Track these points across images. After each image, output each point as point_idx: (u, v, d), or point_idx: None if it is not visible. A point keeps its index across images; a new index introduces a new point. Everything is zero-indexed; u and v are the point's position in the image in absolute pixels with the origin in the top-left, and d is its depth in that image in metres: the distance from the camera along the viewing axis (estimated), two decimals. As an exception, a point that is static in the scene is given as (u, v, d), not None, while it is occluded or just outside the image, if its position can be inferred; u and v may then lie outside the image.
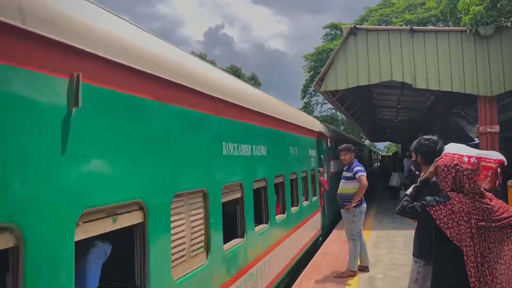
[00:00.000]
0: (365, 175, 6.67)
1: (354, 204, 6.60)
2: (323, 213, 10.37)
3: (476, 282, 2.47)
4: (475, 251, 2.51)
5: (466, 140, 19.63)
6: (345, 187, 6.82)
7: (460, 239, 2.54)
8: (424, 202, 2.81)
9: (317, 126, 10.35)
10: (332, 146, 12.19)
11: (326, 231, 10.63)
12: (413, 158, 4.02)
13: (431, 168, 2.98)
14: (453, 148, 4.18)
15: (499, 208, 2.66)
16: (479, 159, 4.18)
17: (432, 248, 2.96)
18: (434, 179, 3.84)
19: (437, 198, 2.77)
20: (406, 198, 3.02)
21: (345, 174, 6.87)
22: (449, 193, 2.75)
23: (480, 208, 2.63)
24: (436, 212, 2.66)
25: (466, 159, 4.11)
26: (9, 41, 1.85)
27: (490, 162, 4.10)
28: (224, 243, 4.07)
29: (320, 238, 9.93)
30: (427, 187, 3.11)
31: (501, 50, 10.81)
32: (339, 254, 8.14)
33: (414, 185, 3.19)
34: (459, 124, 22.79)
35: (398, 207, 3.06)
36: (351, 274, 6.74)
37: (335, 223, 11.47)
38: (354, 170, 6.71)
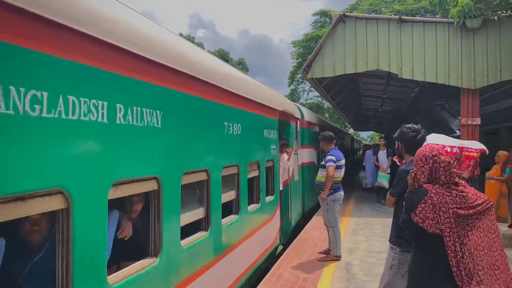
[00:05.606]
0: (334, 165, 6.59)
1: (324, 195, 6.67)
2: (284, 213, 8.28)
3: (457, 271, 2.50)
4: (454, 241, 2.53)
5: (448, 132, 19.95)
6: (320, 174, 6.88)
7: (441, 229, 2.56)
8: (406, 212, 2.76)
9: (281, 103, 7.78)
10: (306, 131, 10.72)
11: (291, 236, 8.76)
12: (396, 146, 4.05)
13: (410, 180, 2.96)
14: (435, 139, 4.22)
15: (472, 195, 2.70)
16: (461, 149, 4.24)
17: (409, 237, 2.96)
18: (401, 167, 3.87)
19: (413, 199, 2.74)
20: (401, 215, 2.93)
21: (322, 162, 6.93)
22: (424, 185, 2.75)
23: (456, 196, 2.65)
24: (420, 214, 2.62)
25: (449, 149, 4.16)
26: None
27: (472, 152, 4.16)
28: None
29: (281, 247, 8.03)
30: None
31: (486, 43, 10.91)
32: (318, 240, 8.23)
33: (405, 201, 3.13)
34: (442, 116, 23.13)
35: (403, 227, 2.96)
36: (334, 259, 6.87)
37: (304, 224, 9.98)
38: (326, 159, 6.74)
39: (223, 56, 40.95)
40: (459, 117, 11.73)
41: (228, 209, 5.03)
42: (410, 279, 2.86)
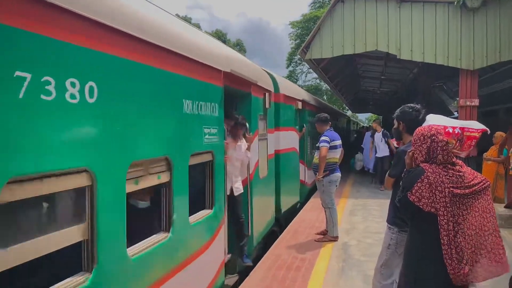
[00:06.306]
0: (327, 145, 6.60)
1: (320, 176, 6.68)
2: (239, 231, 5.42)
3: (448, 250, 2.52)
4: (448, 220, 2.54)
5: (446, 113, 19.89)
6: (315, 156, 6.92)
7: (436, 208, 2.57)
8: (403, 191, 2.75)
9: (229, 61, 4.73)
10: (282, 107, 8.16)
11: (258, 255, 6.33)
12: (394, 126, 3.97)
13: (407, 160, 2.93)
14: (434, 120, 4.19)
15: (469, 175, 2.70)
16: (462, 129, 4.23)
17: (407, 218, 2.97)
18: (400, 148, 3.85)
19: (410, 178, 2.73)
20: (398, 194, 2.91)
21: (317, 144, 6.95)
22: (421, 165, 2.74)
23: (453, 176, 2.65)
24: (416, 193, 2.62)
25: (450, 130, 4.14)
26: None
27: (474, 132, 4.17)
28: None
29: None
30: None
31: (486, 23, 10.81)
32: (315, 221, 8.29)
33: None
34: (440, 97, 23.06)
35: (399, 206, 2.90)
36: (331, 239, 6.94)
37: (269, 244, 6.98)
38: (319, 140, 6.78)
39: (220, 37, 40.40)
40: (458, 98, 11.70)
41: (74, 257, 2.35)
42: (405, 258, 2.89)
